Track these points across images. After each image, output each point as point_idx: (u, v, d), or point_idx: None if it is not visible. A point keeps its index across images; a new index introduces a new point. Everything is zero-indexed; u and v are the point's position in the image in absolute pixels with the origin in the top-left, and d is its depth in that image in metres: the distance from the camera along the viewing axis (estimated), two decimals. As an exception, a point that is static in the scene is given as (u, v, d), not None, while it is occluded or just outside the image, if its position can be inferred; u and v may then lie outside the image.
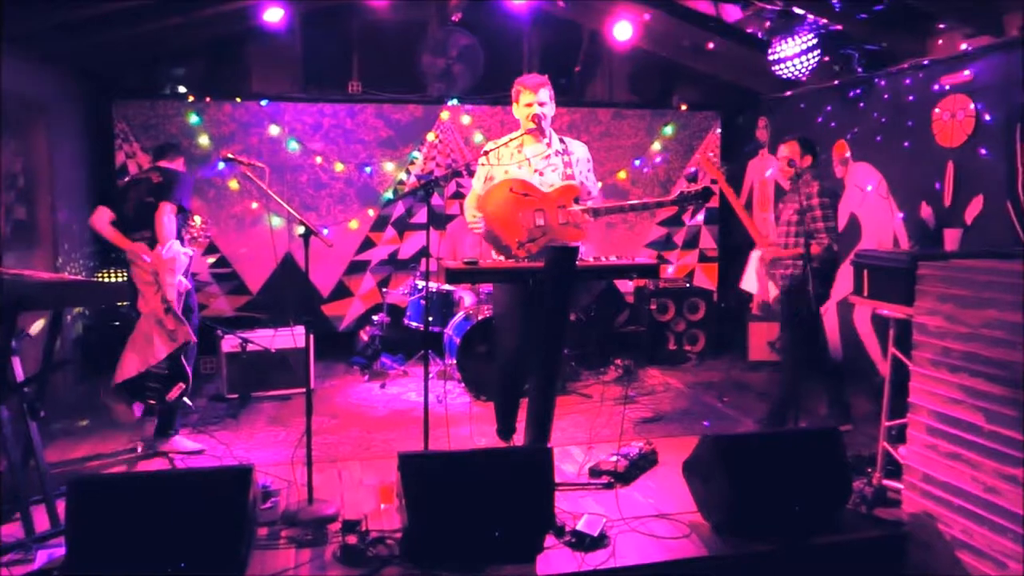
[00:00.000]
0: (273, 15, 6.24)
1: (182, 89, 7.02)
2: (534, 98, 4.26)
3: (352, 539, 3.42)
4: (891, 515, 3.77)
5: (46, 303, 3.61)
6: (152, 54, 6.87)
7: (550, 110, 4.32)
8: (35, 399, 3.52)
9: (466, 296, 6.47)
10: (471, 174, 4.77)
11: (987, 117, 5.10)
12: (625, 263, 4.05)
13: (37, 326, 5.28)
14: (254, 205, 7.19)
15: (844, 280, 5.48)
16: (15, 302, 3.20)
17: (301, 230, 3.81)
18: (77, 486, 3.01)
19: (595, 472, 4.29)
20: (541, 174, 4.30)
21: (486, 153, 4.31)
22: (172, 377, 4.63)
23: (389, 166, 7.43)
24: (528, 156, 4.32)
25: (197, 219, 5.02)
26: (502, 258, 4.22)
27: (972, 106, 5.19)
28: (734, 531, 3.57)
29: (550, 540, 3.44)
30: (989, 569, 3.17)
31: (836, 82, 6.50)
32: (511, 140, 4.35)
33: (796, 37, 5.74)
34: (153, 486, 3.20)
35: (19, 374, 3.49)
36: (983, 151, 5.13)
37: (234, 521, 3.11)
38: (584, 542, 3.46)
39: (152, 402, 4.64)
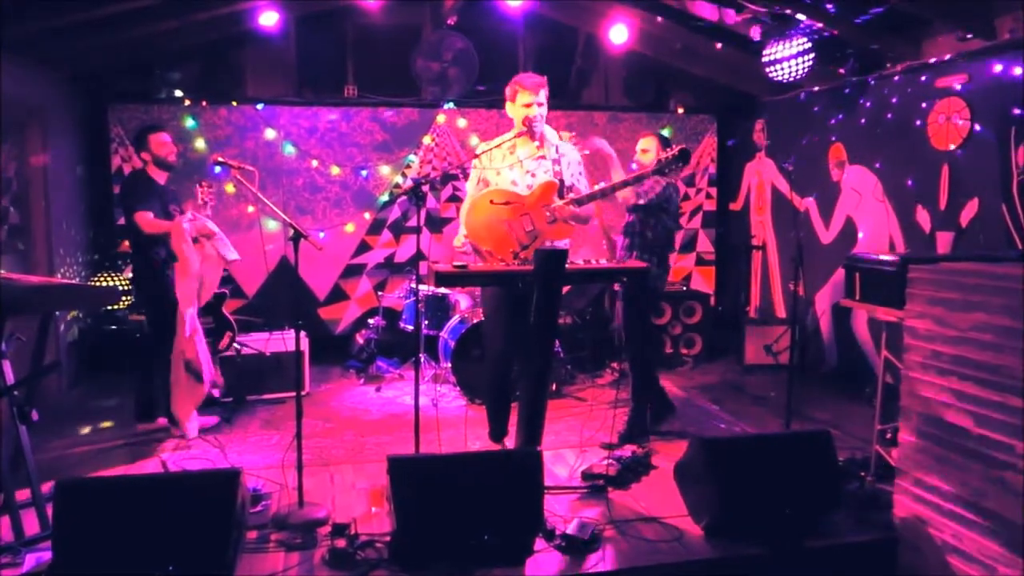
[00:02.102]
0: (268, 19, 6.24)
1: (178, 93, 7.04)
2: (533, 99, 4.23)
3: (341, 542, 3.41)
4: (883, 519, 3.76)
5: (35, 307, 3.60)
6: (147, 58, 6.88)
7: (545, 111, 4.32)
8: (24, 402, 3.52)
9: (462, 299, 6.47)
10: (467, 176, 4.77)
11: (982, 120, 5.09)
12: (615, 266, 4.05)
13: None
14: (250, 209, 7.20)
15: (839, 284, 5.47)
16: (2, 306, 3.20)
17: (291, 233, 3.81)
18: (64, 489, 3.00)
19: (587, 475, 4.28)
20: (533, 175, 4.30)
21: (478, 156, 4.32)
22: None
23: (385, 169, 7.44)
24: (521, 157, 4.32)
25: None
26: None
27: (967, 109, 5.18)
28: (724, 534, 3.56)
29: (540, 543, 3.44)
30: (978, 573, 3.16)
31: (831, 85, 6.51)
32: (503, 142, 4.34)
33: (791, 40, 5.74)
34: (141, 489, 3.20)
35: (8, 377, 3.49)
36: (978, 154, 5.13)
37: (222, 524, 3.10)
38: (574, 546, 3.44)
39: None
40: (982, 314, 3.15)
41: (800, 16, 5.58)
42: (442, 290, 6.33)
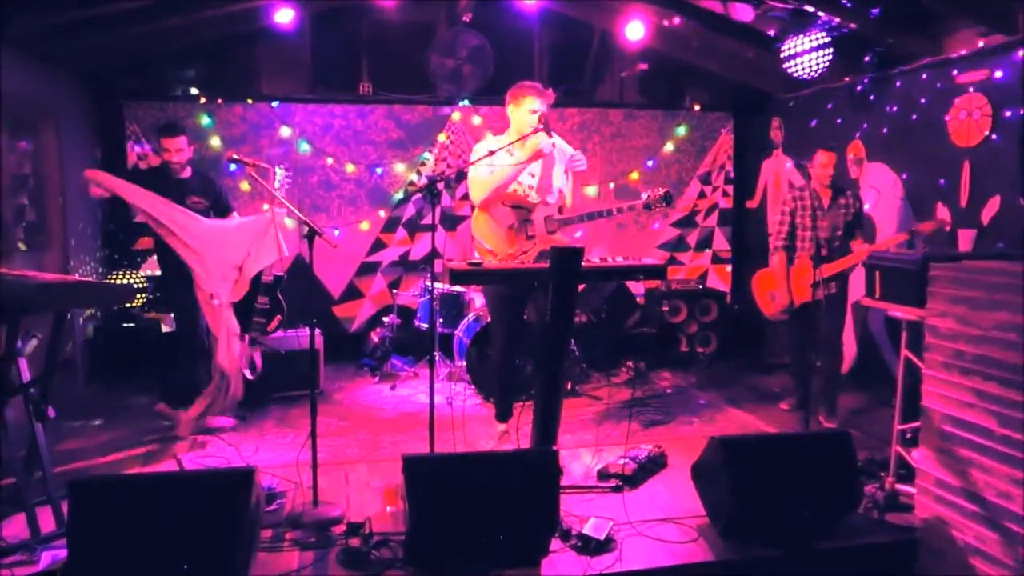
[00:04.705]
0: (283, 16, 6.23)
1: (193, 90, 7.04)
2: (541, 105, 4.32)
3: (355, 542, 3.40)
4: (904, 520, 3.71)
5: (48, 304, 3.59)
6: (161, 56, 6.87)
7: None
8: (40, 400, 3.52)
9: (477, 297, 6.44)
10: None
11: (1004, 116, 5.02)
12: (631, 264, 4.03)
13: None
14: (265, 207, 7.18)
15: (858, 282, 5.41)
16: (16, 303, 3.19)
17: (306, 230, 3.79)
18: (78, 488, 2.99)
19: (603, 475, 4.25)
20: (534, 175, 4.41)
21: (492, 153, 4.28)
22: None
23: (400, 167, 7.43)
24: (522, 159, 4.35)
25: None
26: None
27: (988, 105, 5.11)
28: (741, 535, 3.52)
29: (555, 543, 3.42)
30: (1002, 576, 3.11)
31: (849, 82, 6.43)
32: (513, 142, 4.34)
33: (808, 35, 5.69)
34: (155, 488, 3.19)
35: (24, 375, 3.49)
36: (999, 151, 5.05)
37: (236, 523, 3.08)
38: (590, 546, 3.42)
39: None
40: (1006, 313, 3.10)
41: (819, 12, 5.52)
42: (457, 288, 6.30)
